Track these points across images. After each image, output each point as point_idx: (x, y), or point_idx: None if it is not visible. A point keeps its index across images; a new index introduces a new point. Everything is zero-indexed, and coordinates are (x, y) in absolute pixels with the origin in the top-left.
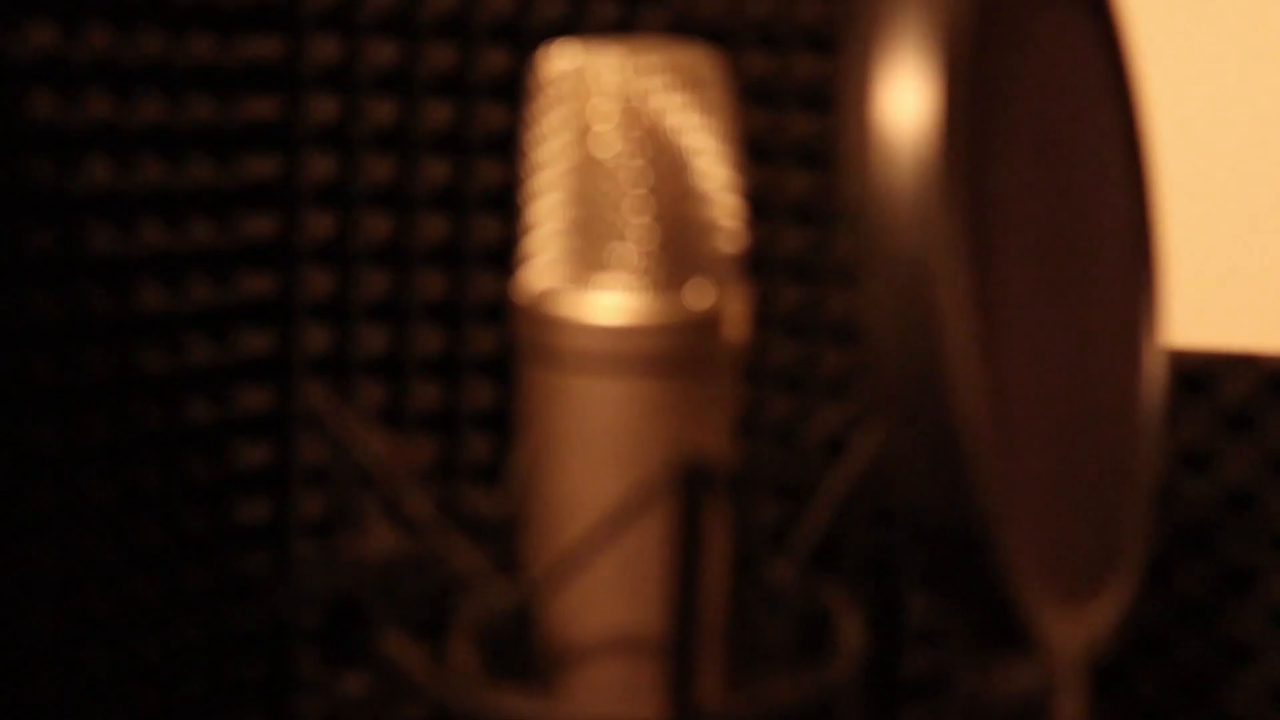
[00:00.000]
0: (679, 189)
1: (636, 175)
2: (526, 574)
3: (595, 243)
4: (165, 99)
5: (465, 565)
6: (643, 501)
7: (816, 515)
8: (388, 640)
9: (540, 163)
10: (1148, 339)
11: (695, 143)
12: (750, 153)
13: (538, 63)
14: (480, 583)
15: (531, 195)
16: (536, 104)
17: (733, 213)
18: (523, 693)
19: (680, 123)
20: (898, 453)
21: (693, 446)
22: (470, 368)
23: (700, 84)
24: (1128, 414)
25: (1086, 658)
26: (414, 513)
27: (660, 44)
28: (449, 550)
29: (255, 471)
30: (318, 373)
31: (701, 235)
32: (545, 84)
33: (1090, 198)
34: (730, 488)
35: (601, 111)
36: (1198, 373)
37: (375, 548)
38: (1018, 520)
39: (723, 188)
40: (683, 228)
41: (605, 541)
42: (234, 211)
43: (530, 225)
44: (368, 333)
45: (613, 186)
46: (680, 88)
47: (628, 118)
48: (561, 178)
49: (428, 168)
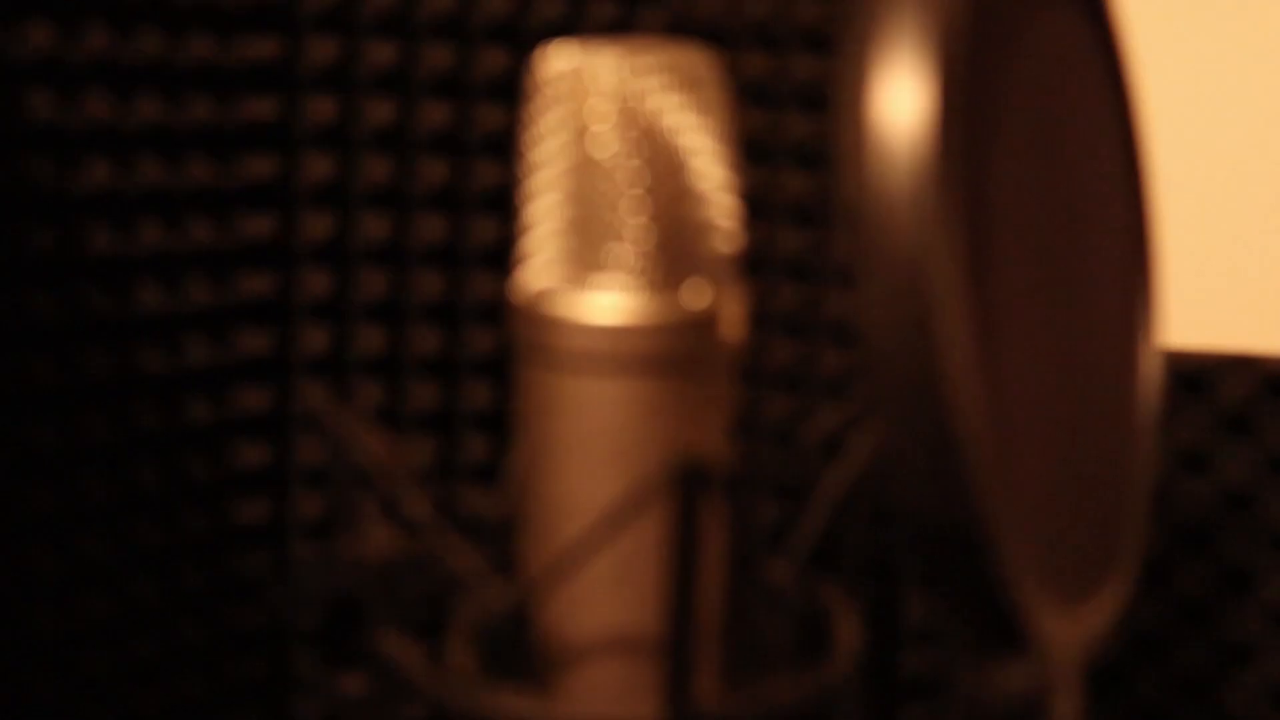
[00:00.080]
0: (676, 189)
1: (633, 175)
2: (524, 574)
3: (592, 243)
4: (164, 99)
5: (463, 565)
6: (640, 501)
7: (815, 515)
8: (386, 640)
9: (538, 163)
10: (1144, 340)
11: (692, 143)
12: (748, 153)
13: (535, 63)
14: (478, 583)
15: (529, 195)
16: (534, 104)
17: (730, 213)
18: (520, 692)
19: (677, 123)
20: (896, 453)
21: (689, 446)
22: (468, 368)
23: (698, 84)
24: (1125, 414)
25: (1084, 658)
26: (412, 513)
27: (658, 44)
28: (447, 550)
29: (254, 472)
30: (316, 373)
31: (698, 235)
32: (543, 84)
33: (1087, 198)
34: (727, 488)
35: (599, 112)
36: (1196, 373)
37: (374, 548)
38: (1015, 520)
39: (720, 188)
40: (680, 228)
41: (602, 541)
42: (233, 212)
43: (528, 225)
44: (366, 333)
45: (610, 187)
46: (678, 88)
47: (625, 118)
48: (559, 178)
49: (426, 168)
